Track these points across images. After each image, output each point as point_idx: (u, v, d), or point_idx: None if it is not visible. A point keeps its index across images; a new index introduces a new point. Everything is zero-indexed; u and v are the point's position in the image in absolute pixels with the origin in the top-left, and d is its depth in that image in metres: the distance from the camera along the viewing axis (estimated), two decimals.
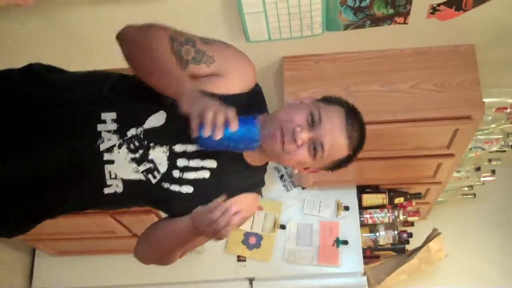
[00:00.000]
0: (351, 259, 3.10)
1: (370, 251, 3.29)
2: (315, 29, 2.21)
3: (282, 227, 3.15)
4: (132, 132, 1.32)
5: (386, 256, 3.31)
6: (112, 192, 1.36)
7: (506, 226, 3.75)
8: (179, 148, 1.36)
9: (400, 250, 3.30)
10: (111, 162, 1.33)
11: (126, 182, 1.35)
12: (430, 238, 3.24)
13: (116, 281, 3.24)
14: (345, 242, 3.10)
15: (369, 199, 3.22)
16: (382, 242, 3.27)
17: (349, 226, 3.15)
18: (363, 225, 3.22)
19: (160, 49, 1.31)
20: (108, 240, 3.13)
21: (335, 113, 1.35)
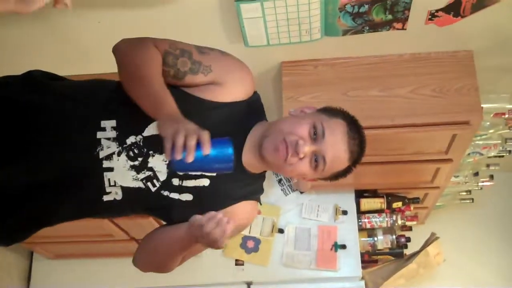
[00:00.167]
0: (349, 264, 3.10)
1: (368, 256, 3.30)
2: (314, 35, 2.21)
3: (280, 231, 3.15)
4: (132, 140, 1.32)
5: (384, 261, 3.31)
6: (111, 200, 1.35)
7: (504, 231, 3.75)
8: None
9: (398, 255, 3.30)
10: (111, 170, 1.32)
11: (126, 190, 1.34)
12: (428, 243, 3.24)
13: (114, 285, 3.22)
14: (343, 247, 3.10)
15: (367, 204, 3.22)
16: (380, 247, 3.27)
17: (347, 231, 3.15)
18: (361, 230, 3.22)
19: (145, 70, 1.31)
20: (106, 244, 3.13)
21: (338, 127, 1.36)
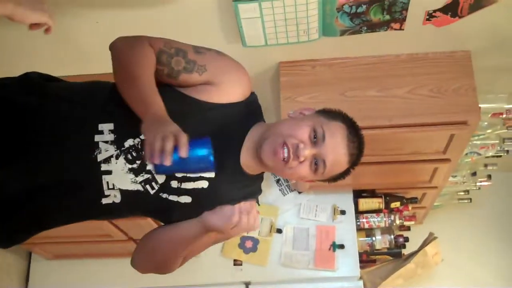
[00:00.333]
0: (348, 263, 3.11)
1: (367, 255, 3.30)
2: (312, 35, 2.21)
3: (279, 231, 3.15)
4: (130, 143, 1.31)
5: (383, 261, 3.32)
6: (110, 203, 1.35)
7: (502, 231, 3.76)
8: None
9: (397, 255, 3.31)
10: (109, 173, 1.32)
11: (124, 193, 1.34)
12: (427, 243, 3.25)
13: (113, 285, 3.22)
14: (342, 246, 3.11)
15: (366, 204, 3.23)
16: (379, 247, 3.27)
17: (346, 230, 3.16)
18: (360, 230, 3.22)
19: (136, 68, 1.30)
20: (105, 244, 3.12)
21: (338, 130, 1.37)
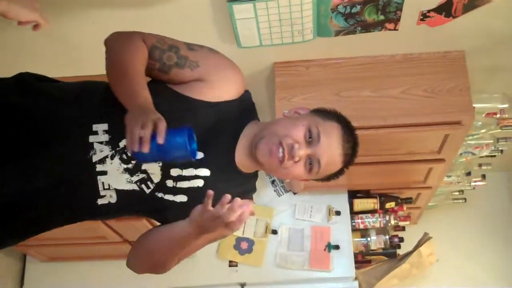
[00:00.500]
0: (343, 264, 3.11)
1: (362, 256, 3.30)
2: (306, 35, 2.22)
3: (274, 232, 3.15)
4: (124, 143, 1.30)
5: (378, 261, 3.32)
6: (106, 203, 1.35)
7: (497, 230, 3.77)
8: None
9: (391, 255, 3.31)
10: (104, 173, 1.32)
11: (120, 193, 1.34)
12: (421, 243, 3.26)
13: (108, 287, 3.21)
14: (337, 247, 3.11)
15: (360, 204, 3.23)
16: (374, 247, 3.28)
17: (341, 231, 3.16)
18: (355, 230, 3.23)
19: (127, 62, 1.30)
20: (100, 246, 3.12)
21: (333, 130, 1.37)
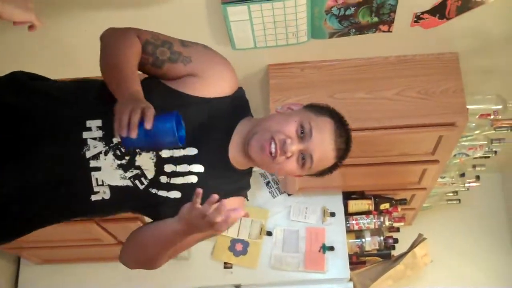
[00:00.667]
0: (337, 265, 3.11)
1: (356, 257, 3.31)
2: (301, 37, 2.22)
3: (269, 234, 3.15)
4: (118, 139, 1.30)
5: (372, 262, 3.33)
6: (100, 199, 1.35)
7: (491, 231, 3.78)
8: (166, 154, 1.36)
9: (386, 256, 3.32)
10: (98, 169, 1.33)
11: (114, 189, 1.34)
12: (416, 244, 3.26)
13: None
14: (331, 248, 3.11)
15: (355, 205, 3.23)
16: (368, 248, 3.28)
17: (335, 232, 3.16)
18: (349, 231, 3.23)
19: (120, 55, 1.31)
20: (94, 248, 3.11)
21: (325, 125, 1.38)
